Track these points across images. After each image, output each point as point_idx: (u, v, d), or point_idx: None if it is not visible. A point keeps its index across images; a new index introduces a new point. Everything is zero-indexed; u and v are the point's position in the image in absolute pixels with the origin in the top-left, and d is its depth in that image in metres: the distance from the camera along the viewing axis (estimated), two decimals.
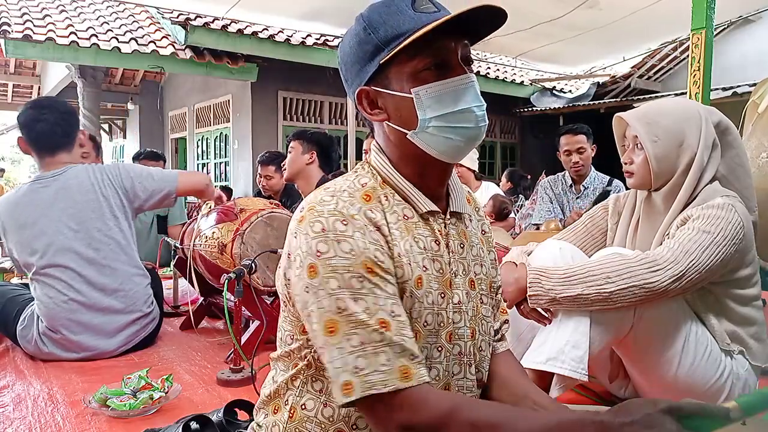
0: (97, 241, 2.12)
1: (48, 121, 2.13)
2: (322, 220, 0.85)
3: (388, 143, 0.96)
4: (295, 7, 5.94)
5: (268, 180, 3.85)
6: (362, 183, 0.93)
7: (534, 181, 5.69)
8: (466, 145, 0.92)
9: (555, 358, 1.35)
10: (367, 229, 0.86)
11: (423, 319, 0.89)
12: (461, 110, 0.89)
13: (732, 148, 1.54)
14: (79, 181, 2.15)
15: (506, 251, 1.64)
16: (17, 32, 6.03)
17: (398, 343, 0.82)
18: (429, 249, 0.93)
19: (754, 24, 7.74)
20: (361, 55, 0.91)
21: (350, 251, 0.83)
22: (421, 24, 0.85)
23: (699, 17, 2.98)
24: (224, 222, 2.30)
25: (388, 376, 0.80)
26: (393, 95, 0.90)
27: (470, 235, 1.02)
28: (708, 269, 1.34)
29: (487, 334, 1.02)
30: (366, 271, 0.83)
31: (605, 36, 6.46)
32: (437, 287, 0.92)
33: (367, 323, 0.81)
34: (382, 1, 0.91)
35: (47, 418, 1.61)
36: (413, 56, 0.88)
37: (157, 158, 3.88)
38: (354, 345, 0.81)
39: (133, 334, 2.19)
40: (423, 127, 0.89)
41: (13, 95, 11.34)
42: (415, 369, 0.82)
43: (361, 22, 0.92)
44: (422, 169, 0.94)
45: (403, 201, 0.94)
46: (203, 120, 9.36)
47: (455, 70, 0.89)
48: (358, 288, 0.83)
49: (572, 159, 3.21)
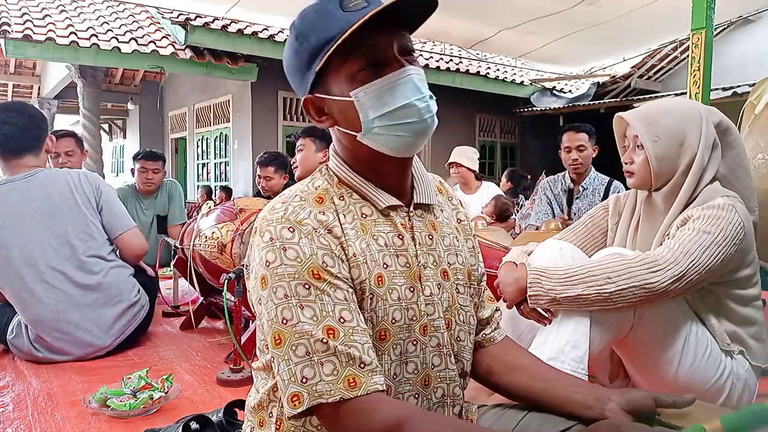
0: (74, 237, 2.11)
1: (16, 125, 2.12)
2: (271, 228, 0.85)
3: (341, 146, 0.95)
4: (295, 7, 5.84)
5: (267, 181, 3.84)
6: (316, 186, 0.92)
7: (534, 181, 5.68)
8: (416, 139, 0.90)
9: (555, 358, 1.35)
10: (316, 234, 0.85)
11: (390, 316, 0.88)
12: (402, 106, 0.87)
13: (732, 148, 1.54)
14: (53, 181, 2.15)
15: (506, 251, 1.64)
16: (17, 32, 6.03)
17: (344, 352, 0.81)
18: (391, 245, 0.91)
19: (754, 24, 7.74)
20: (299, 64, 0.90)
21: (296, 258, 0.83)
22: (349, 24, 0.82)
23: (699, 17, 2.98)
24: (224, 222, 2.30)
25: (334, 386, 0.80)
26: (335, 100, 0.89)
27: (441, 225, 1.00)
28: (708, 269, 1.34)
29: (465, 323, 1.00)
30: (312, 278, 0.83)
31: (605, 36, 6.46)
32: (404, 282, 0.90)
33: (312, 333, 0.81)
34: (312, 5, 0.89)
35: (47, 418, 1.61)
36: (346, 59, 0.86)
37: (157, 158, 3.86)
38: (299, 355, 0.81)
39: (124, 326, 2.18)
40: (368, 128, 0.88)
41: (13, 95, 11.33)
42: (364, 378, 0.81)
43: (293, 31, 0.90)
44: (378, 166, 0.93)
45: (362, 199, 0.93)
46: (203, 120, 9.36)
47: (391, 65, 0.87)
48: (305, 295, 0.82)
49: (572, 156, 3.20)
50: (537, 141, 10.65)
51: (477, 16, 6.04)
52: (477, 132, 10.19)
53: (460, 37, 7.46)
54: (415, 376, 0.91)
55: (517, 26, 5.94)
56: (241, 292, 1.95)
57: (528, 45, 7.09)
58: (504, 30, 6.44)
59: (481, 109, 9.90)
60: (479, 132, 10.24)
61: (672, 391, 1.38)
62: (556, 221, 3.13)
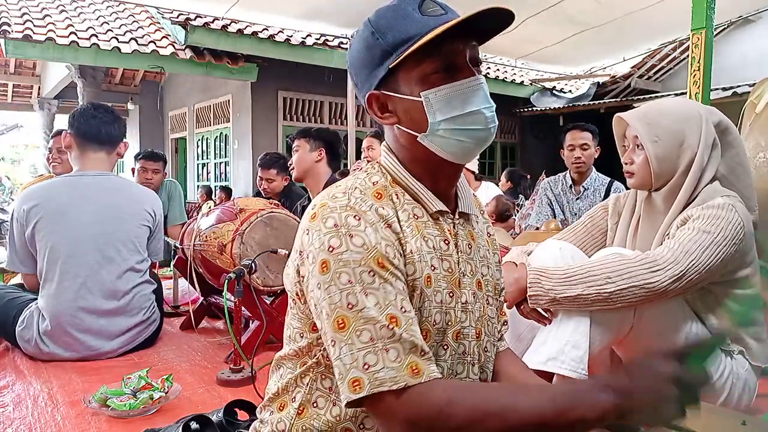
0: (121, 242, 2.18)
1: (102, 119, 2.25)
2: (335, 215, 0.85)
3: (399, 145, 0.96)
4: (295, 6, 5.93)
5: (269, 183, 3.83)
6: (373, 181, 0.93)
7: (534, 181, 5.68)
8: (476, 147, 0.93)
9: (555, 358, 1.35)
10: (379, 225, 0.86)
11: (432, 317, 0.90)
12: (470, 112, 0.90)
13: (732, 147, 1.54)
14: (122, 188, 2.27)
15: (506, 251, 1.64)
16: (17, 32, 6.03)
17: (408, 339, 0.81)
18: (438, 248, 0.93)
19: (754, 24, 7.74)
20: (370, 59, 0.91)
21: (362, 245, 0.83)
22: (428, 28, 0.85)
23: (699, 17, 2.98)
24: (224, 222, 2.30)
25: (398, 372, 0.80)
26: (403, 99, 0.91)
27: (477, 236, 1.02)
28: (708, 269, 1.34)
29: (492, 335, 1.03)
30: (377, 266, 0.83)
31: (605, 36, 6.46)
32: (446, 286, 0.92)
33: (377, 319, 0.81)
34: (389, 5, 0.91)
35: (47, 418, 1.61)
36: (421, 60, 0.88)
37: (158, 158, 3.86)
38: (364, 341, 0.81)
39: (134, 336, 2.21)
40: (433, 130, 0.90)
41: (13, 95, 11.35)
42: (424, 366, 0.81)
43: (368, 26, 0.91)
44: (432, 170, 0.95)
45: (413, 200, 0.94)
46: (203, 120, 9.36)
47: (463, 72, 0.90)
48: (369, 282, 0.82)
49: (574, 154, 3.19)
50: (537, 141, 10.65)
51: None
52: None
53: None
54: None
55: (516, 28, 5.92)
56: (241, 292, 1.95)
57: (528, 47, 7.09)
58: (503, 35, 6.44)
59: None
60: None
61: None
62: (556, 221, 3.13)
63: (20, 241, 2.16)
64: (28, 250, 2.16)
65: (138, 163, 3.81)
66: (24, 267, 2.22)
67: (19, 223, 2.14)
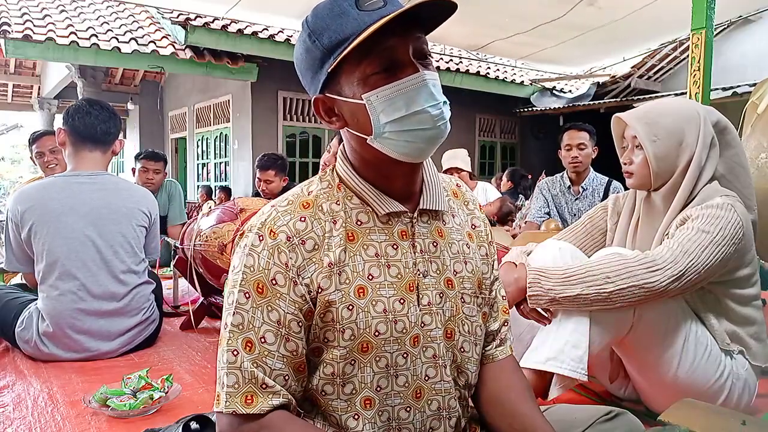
0: (118, 244, 2.16)
1: (98, 117, 2.20)
2: (250, 234, 0.88)
3: (350, 148, 0.93)
4: (295, 6, 5.92)
5: (267, 184, 3.83)
6: (309, 191, 0.92)
7: (534, 181, 5.67)
8: (427, 146, 0.87)
9: (555, 358, 1.35)
10: (281, 248, 0.86)
11: (373, 328, 0.87)
12: (415, 112, 0.84)
13: (731, 147, 1.54)
14: (117, 189, 2.22)
15: (506, 251, 1.64)
16: (17, 32, 6.03)
17: (248, 369, 0.84)
18: (382, 255, 0.90)
19: (754, 24, 7.73)
20: (311, 62, 0.87)
21: (250, 267, 0.86)
22: (364, 25, 0.80)
23: (699, 17, 2.98)
24: (224, 222, 2.30)
25: (232, 399, 0.84)
26: (347, 102, 0.86)
27: (449, 231, 0.97)
28: (707, 269, 1.34)
29: (471, 334, 0.97)
30: (255, 290, 0.85)
31: (605, 36, 6.46)
32: (393, 293, 0.89)
33: (230, 342, 0.85)
34: (324, 3, 0.86)
35: (47, 418, 1.61)
36: (360, 61, 0.83)
37: (159, 158, 3.85)
38: (223, 361, 0.85)
39: (133, 336, 2.21)
40: (379, 132, 0.86)
41: (13, 95, 11.35)
42: (261, 398, 0.84)
43: (306, 28, 0.87)
44: (386, 171, 0.91)
45: (361, 204, 0.91)
46: (203, 120, 9.36)
47: (405, 69, 0.84)
48: (242, 304, 0.85)
49: (571, 154, 3.19)
50: (537, 141, 10.65)
51: (478, 23, 6.03)
52: (477, 132, 10.19)
53: (462, 44, 7.47)
54: (405, 389, 0.90)
55: (516, 35, 5.93)
56: None
57: (528, 49, 7.11)
58: (503, 39, 6.46)
59: (482, 109, 9.89)
60: (479, 132, 10.24)
61: (672, 391, 1.39)
62: (556, 221, 3.13)
63: (16, 241, 2.15)
64: (25, 250, 2.15)
65: (139, 163, 3.81)
66: (22, 266, 2.21)
67: (14, 224, 2.12)
